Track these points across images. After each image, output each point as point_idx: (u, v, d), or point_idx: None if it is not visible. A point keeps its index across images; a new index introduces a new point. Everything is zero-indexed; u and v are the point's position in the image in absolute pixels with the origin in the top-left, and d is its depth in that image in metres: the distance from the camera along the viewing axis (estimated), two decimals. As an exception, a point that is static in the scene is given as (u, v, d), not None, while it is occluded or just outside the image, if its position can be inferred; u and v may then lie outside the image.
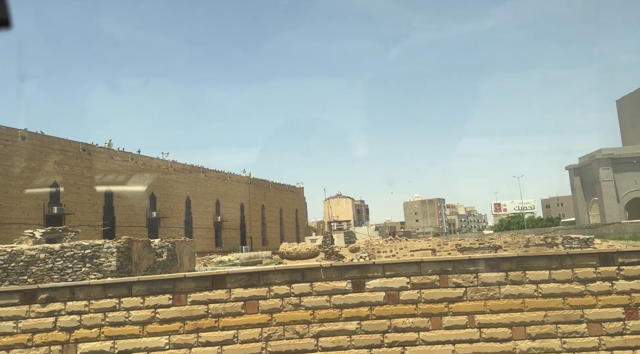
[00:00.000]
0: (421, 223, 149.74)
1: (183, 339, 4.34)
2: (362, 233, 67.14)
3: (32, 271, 15.81)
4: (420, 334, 4.30)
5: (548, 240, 20.14)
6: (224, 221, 55.80)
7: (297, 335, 4.39)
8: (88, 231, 32.90)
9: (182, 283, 4.47)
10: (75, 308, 4.34)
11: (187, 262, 19.23)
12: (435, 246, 20.71)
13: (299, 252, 36.91)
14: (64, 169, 36.08)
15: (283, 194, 74.39)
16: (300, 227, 79.15)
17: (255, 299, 4.46)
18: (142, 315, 4.36)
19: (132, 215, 41.44)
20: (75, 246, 15.40)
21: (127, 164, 42.05)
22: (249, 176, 64.56)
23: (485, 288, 4.32)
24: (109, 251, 15.03)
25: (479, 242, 20.87)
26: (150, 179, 44.20)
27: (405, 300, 4.36)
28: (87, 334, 4.31)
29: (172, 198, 47.31)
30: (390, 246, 22.15)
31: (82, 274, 15.13)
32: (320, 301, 4.44)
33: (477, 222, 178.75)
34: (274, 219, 69.66)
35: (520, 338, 4.21)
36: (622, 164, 56.57)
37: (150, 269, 16.61)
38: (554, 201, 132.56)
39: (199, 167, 53.46)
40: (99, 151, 39.72)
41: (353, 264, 4.57)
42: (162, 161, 47.41)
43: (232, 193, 59.20)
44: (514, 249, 20.06)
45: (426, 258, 4.47)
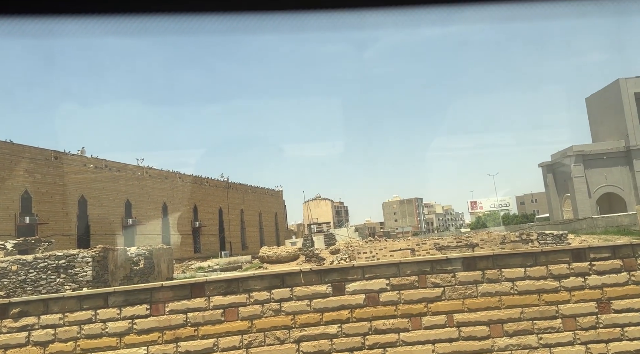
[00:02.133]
0: (400, 223, 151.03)
1: (162, 350, 4.28)
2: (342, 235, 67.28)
3: (4, 283, 15.32)
4: (401, 335, 4.33)
5: (523, 237, 20.57)
6: (202, 226, 55.15)
7: (278, 341, 4.37)
8: (62, 240, 32.06)
9: (160, 292, 4.40)
10: (49, 322, 4.23)
11: (165, 270, 18.92)
12: (414, 245, 20.91)
13: (279, 255, 36.75)
14: (36, 177, 35.07)
15: (262, 197, 74.00)
16: (280, 231, 78.82)
17: (235, 306, 4.43)
18: (119, 326, 4.28)
19: (107, 223, 40.53)
20: (49, 256, 14.98)
21: (101, 171, 41.16)
22: (226, 181, 64.02)
23: (463, 287, 4.39)
24: (84, 260, 14.67)
25: (456, 240, 21.16)
26: (125, 186, 43.32)
27: (385, 302, 4.40)
28: (62, 348, 4.20)
29: (148, 204, 46.52)
30: (370, 247, 22.26)
31: (57, 285, 14.73)
32: (301, 305, 4.43)
33: (454, 221, 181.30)
34: (253, 223, 69.21)
35: (498, 335, 4.28)
36: (593, 160, 58.26)
37: (127, 278, 16.28)
38: (528, 198, 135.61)
39: (175, 173, 52.73)
40: (72, 158, 38.75)
41: (333, 268, 4.58)
42: (137, 167, 46.58)
43: (210, 198, 58.57)
44: (490, 246, 20.41)
45: (405, 259, 4.51)
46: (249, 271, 20.56)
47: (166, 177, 51.22)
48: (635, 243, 4.45)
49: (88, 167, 40.12)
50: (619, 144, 58.21)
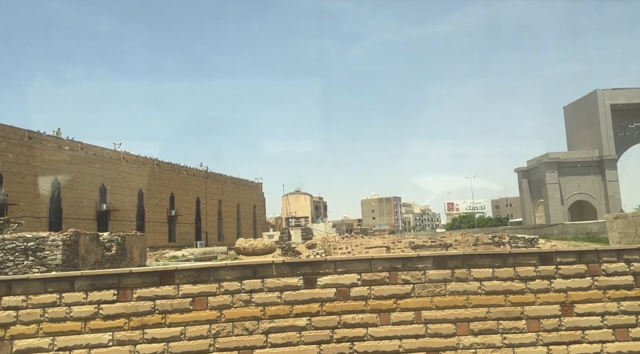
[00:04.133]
0: (378, 221, 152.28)
1: (127, 336, 4.22)
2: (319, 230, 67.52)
3: (-32, 264, 14.88)
4: (369, 329, 4.37)
5: (496, 239, 20.97)
6: (178, 215, 54.56)
7: (246, 332, 4.36)
8: (32, 222, 31.28)
9: (128, 278, 4.34)
10: (11, 303, 4.13)
11: (137, 257, 18.65)
12: (390, 243, 21.12)
13: (255, 248, 36.71)
14: (7, 157, 34.07)
15: (241, 189, 73.51)
16: (258, 223, 78.55)
17: (205, 295, 4.39)
18: (85, 311, 4.20)
19: (81, 207, 39.69)
20: (18, 238, 14.60)
21: (77, 153, 40.20)
22: (205, 170, 63.38)
23: (432, 285, 4.44)
24: (54, 244, 14.35)
25: (431, 240, 21.45)
26: (101, 170, 42.46)
27: (356, 296, 4.42)
28: (24, 330, 4.10)
29: (124, 190, 45.73)
30: (346, 243, 22.39)
31: (25, 268, 14.38)
32: (271, 297, 4.42)
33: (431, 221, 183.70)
34: (231, 214, 68.75)
35: (463, 333, 4.35)
36: (567, 167, 59.70)
37: (98, 263, 16.00)
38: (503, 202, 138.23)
39: (153, 160, 51.94)
40: (47, 139, 37.78)
41: (305, 261, 4.59)
42: (114, 152, 45.72)
43: (188, 187, 57.93)
44: (463, 247, 20.76)
45: (377, 255, 4.55)
46: (224, 262, 20.44)
47: (143, 164, 50.43)
48: (600, 249, 4.57)
49: (63, 149, 39.19)
50: (593, 153, 59.77)
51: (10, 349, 4.07)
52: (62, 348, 4.12)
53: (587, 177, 59.71)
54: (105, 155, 44.19)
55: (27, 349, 4.09)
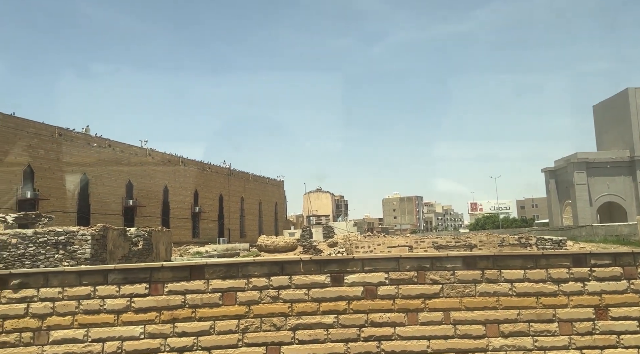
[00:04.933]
0: (399, 220, 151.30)
1: (159, 329, 4.29)
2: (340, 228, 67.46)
3: (3, 256, 15.41)
4: (397, 329, 4.34)
5: (522, 240, 20.57)
6: (202, 211, 55.29)
7: (274, 327, 4.39)
8: (62, 217, 32.14)
9: (160, 272, 4.42)
10: (48, 295, 4.25)
11: (163, 252, 18.99)
12: (413, 243, 20.96)
13: (277, 245, 36.94)
14: (39, 153, 35.11)
15: (263, 186, 74.00)
16: (279, 221, 78.97)
17: (233, 290, 4.44)
18: (118, 304, 4.29)
19: (108, 203, 40.64)
20: (49, 232, 15.04)
21: (105, 150, 41.17)
22: (228, 168, 64.00)
23: (462, 285, 4.39)
24: (84, 238, 14.73)
25: (455, 240, 21.19)
26: (128, 167, 43.38)
27: (383, 295, 4.40)
28: (60, 321, 4.22)
29: (150, 187, 46.58)
30: (368, 242, 22.32)
31: (55, 261, 14.80)
32: (299, 294, 4.44)
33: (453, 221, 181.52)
34: (252, 212, 69.29)
35: (493, 335, 4.29)
36: (596, 168, 58.12)
37: (125, 258, 16.35)
38: (528, 203, 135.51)
39: (178, 157, 52.74)
40: (76, 136, 38.79)
41: (333, 259, 4.59)
42: (140, 149, 46.61)
43: (211, 184, 58.62)
44: (488, 248, 20.44)
45: (405, 254, 4.52)
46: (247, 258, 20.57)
47: (169, 161, 51.31)
48: (637, 252, 4.44)
49: (92, 146, 40.20)
50: (624, 153, 58.03)
51: (47, 339, 4.19)
52: (95, 340, 4.22)
53: (617, 178, 58.00)
54: (132, 152, 45.13)
55: (62, 340, 4.20)
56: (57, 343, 4.19)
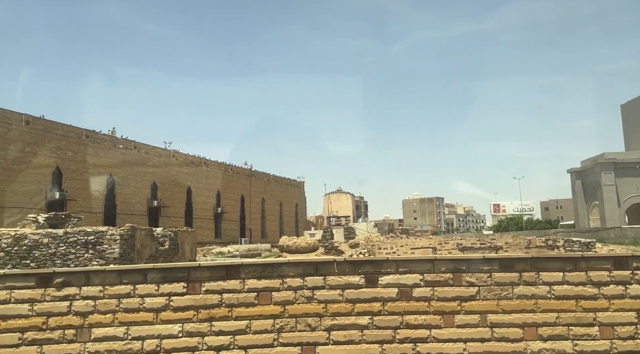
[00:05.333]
0: (419, 221, 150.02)
1: (196, 328, 4.37)
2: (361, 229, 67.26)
3: (35, 255, 15.86)
4: (432, 331, 4.32)
5: (549, 242, 20.17)
6: (224, 212, 55.86)
7: (309, 328, 4.41)
8: (89, 217, 32.90)
9: (197, 271, 4.49)
10: (90, 293, 4.36)
11: (188, 252, 19.27)
12: (436, 244, 20.76)
13: (298, 246, 37.04)
14: (67, 154, 36.05)
15: (283, 187, 74.35)
16: (300, 222, 79.20)
17: (269, 290, 4.48)
18: (156, 302, 4.38)
19: (133, 203, 41.46)
20: (79, 232, 15.42)
21: (130, 152, 42.01)
22: (250, 169, 64.52)
23: (499, 288, 4.34)
24: (112, 238, 15.06)
25: (480, 242, 20.91)
26: (152, 168, 44.17)
27: (418, 297, 4.38)
28: (101, 319, 4.33)
29: (173, 188, 47.32)
30: (390, 243, 22.19)
31: (85, 260, 15.17)
32: (333, 294, 4.46)
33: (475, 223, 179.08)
34: (273, 212, 69.68)
35: (531, 338, 4.23)
36: (625, 168, 56.56)
37: (152, 257, 16.65)
38: (553, 204, 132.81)
39: (201, 159, 53.44)
40: (103, 138, 39.70)
41: (367, 260, 4.59)
42: (165, 151, 47.40)
43: (233, 185, 59.20)
44: (514, 250, 20.11)
45: (440, 256, 4.49)
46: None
47: (192, 162, 52.04)
48: (681, 255, 4.32)
49: (118, 147, 41.07)
50: (654, 153, 56.32)
51: (89, 336, 4.30)
52: (135, 338, 4.32)
53: (647, 178, 56.32)
54: (156, 153, 45.93)
55: (103, 338, 4.31)
56: (98, 341, 4.30)
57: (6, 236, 16.28)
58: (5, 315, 4.26)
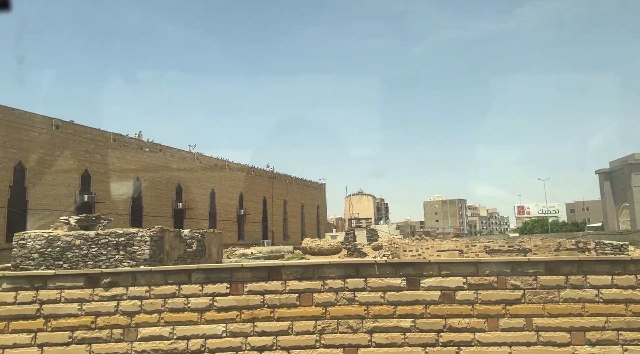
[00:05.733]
0: (441, 223, 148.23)
1: (239, 328, 4.42)
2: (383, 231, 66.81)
3: (68, 257, 16.26)
4: (476, 335, 4.28)
5: (580, 245, 19.69)
6: (246, 214, 56.26)
7: (350, 330, 4.42)
8: (116, 219, 33.57)
9: (240, 272, 4.55)
10: (136, 293, 4.46)
11: (215, 254, 19.49)
12: (463, 247, 20.49)
13: (321, 248, 36.98)
14: (95, 158, 36.89)
15: (305, 189, 74.49)
16: (321, 224, 79.18)
17: (310, 292, 4.51)
18: (201, 302, 4.45)
19: (159, 205, 42.14)
20: (110, 233, 15.77)
21: (156, 155, 42.73)
22: (272, 171, 64.89)
23: (545, 291, 4.27)
24: (143, 239, 15.35)
25: (508, 244, 20.54)
26: (177, 171, 44.84)
27: (462, 300, 4.35)
28: (147, 319, 4.42)
29: (197, 190, 47.93)
30: (416, 246, 22.00)
31: (116, 262, 15.49)
32: (375, 297, 4.46)
33: (499, 225, 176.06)
34: (295, 214, 69.86)
35: (579, 343, 4.15)
36: (656, 170, 54.87)
37: (180, 259, 16.90)
38: (579, 206, 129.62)
39: (224, 161, 53.98)
40: (129, 141, 40.49)
41: (408, 262, 4.58)
42: (189, 153, 48.03)
43: (255, 187, 59.60)
44: (544, 253, 19.70)
45: (484, 259, 4.45)
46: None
47: (215, 165, 52.59)
48: None
49: (144, 150, 41.81)
50: (687, 153, 54.49)
51: (136, 336, 4.40)
52: (180, 337, 4.40)
53: (680, 179, 54.51)
54: (181, 156, 46.63)
55: (150, 337, 4.40)
56: (145, 340, 4.39)
57: (40, 238, 16.73)
58: (56, 314, 4.39)
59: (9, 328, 4.32)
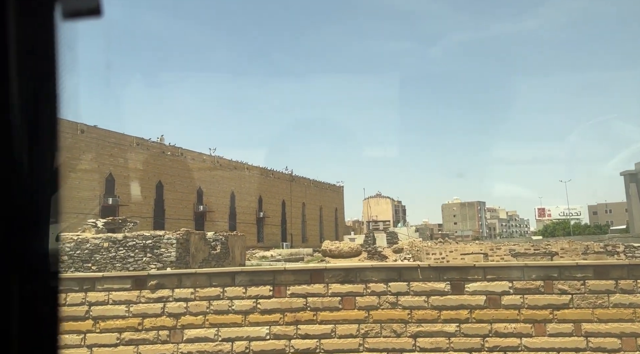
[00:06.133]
0: (460, 226, 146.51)
1: (283, 331, 4.45)
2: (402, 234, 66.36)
3: (96, 259, 16.55)
4: (523, 340, 4.23)
5: (609, 248, 19.25)
6: (265, 216, 56.57)
7: (394, 334, 4.41)
8: (139, 222, 34.08)
9: (282, 275, 4.58)
10: (182, 295, 4.53)
11: (238, 256, 19.64)
12: (487, 250, 20.22)
13: (341, 250, 36.90)
14: (118, 161, 37.59)
15: (323, 192, 74.57)
16: (340, 226, 79.12)
17: (352, 295, 4.52)
18: (245, 305, 4.50)
19: (181, 208, 42.71)
20: (137, 236, 16.02)
21: (177, 158, 43.35)
22: (290, 174, 65.16)
23: (593, 296, 4.20)
24: (169, 242, 15.54)
25: (533, 247, 20.20)
26: (198, 174, 45.39)
27: (507, 305, 4.30)
28: (192, 321, 4.48)
29: (218, 193, 48.38)
30: (439, 249, 21.80)
31: (143, 264, 15.71)
32: (418, 301, 4.44)
33: (519, 227, 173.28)
34: (313, 217, 69.96)
35: (630, 349, 4.06)
36: (684, 171, 53.36)
37: (205, 261, 17.06)
38: (602, 208, 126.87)
39: (243, 164, 54.40)
40: (152, 145, 41.15)
41: (452, 266, 4.55)
42: (209, 157, 48.57)
43: (274, 190, 59.89)
44: (571, 256, 19.33)
45: (530, 263, 4.39)
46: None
47: (235, 168, 53.05)
48: None
49: (166, 154, 42.43)
50: None
51: (182, 337, 4.46)
52: (225, 339, 4.44)
53: None
54: (201, 160, 47.21)
55: (195, 339, 4.46)
56: (190, 341, 4.45)
57: (69, 241, 17.07)
58: (104, 316, 4.47)
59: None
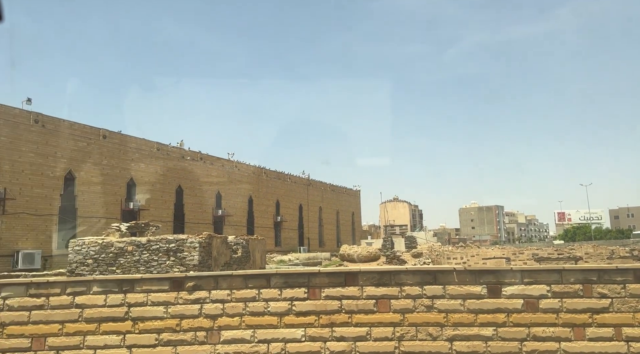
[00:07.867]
0: (477, 230, 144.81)
1: (318, 333, 4.48)
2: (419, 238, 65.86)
3: (120, 262, 16.81)
4: (562, 344, 4.18)
5: (634, 252, 18.87)
6: (283, 221, 56.72)
7: (430, 337, 4.40)
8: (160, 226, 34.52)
9: (317, 277, 4.61)
10: (218, 297, 4.59)
11: (259, 260, 19.75)
12: (510, 254, 19.99)
13: (359, 255, 36.80)
14: (140, 166, 38.17)
15: (340, 196, 74.47)
16: (357, 230, 78.87)
17: (387, 298, 4.52)
18: (280, 306, 4.54)
19: (200, 212, 43.12)
20: (161, 240, 16.22)
21: (196, 163, 43.82)
22: (307, 178, 65.26)
23: (634, 300, 4.14)
24: (192, 245, 15.71)
25: (557, 252, 19.90)
26: (217, 178, 45.80)
27: (545, 309, 4.26)
28: (229, 322, 4.54)
29: (236, 197, 48.72)
30: (460, 253, 21.63)
31: (167, 267, 15.89)
32: (454, 304, 4.42)
33: (538, 232, 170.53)
34: (330, 221, 69.88)
35: (674, 354, 3.99)
36: None
37: (227, 264, 17.20)
38: (623, 212, 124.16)
39: (261, 168, 54.71)
40: (172, 150, 41.69)
41: (488, 269, 4.53)
42: (228, 161, 48.98)
43: (291, 194, 60.07)
44: (596, 260, 18.99)
45: (568, 266, 4.35)
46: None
47: (253, 172, 53.38)
48: None
49: (185, 159, 42.92)
50: None
51: (219, 339, 4.52)
52: (261, 341, 4.49)
53: None
54: (220, 164, 47.62)
55: (232, 340, 4.51)
56: (227, 343, 4.51)
57: (94, 244, 17.38)
58: (143, 317, 4.56)
59: (99, 330, 4.52)
